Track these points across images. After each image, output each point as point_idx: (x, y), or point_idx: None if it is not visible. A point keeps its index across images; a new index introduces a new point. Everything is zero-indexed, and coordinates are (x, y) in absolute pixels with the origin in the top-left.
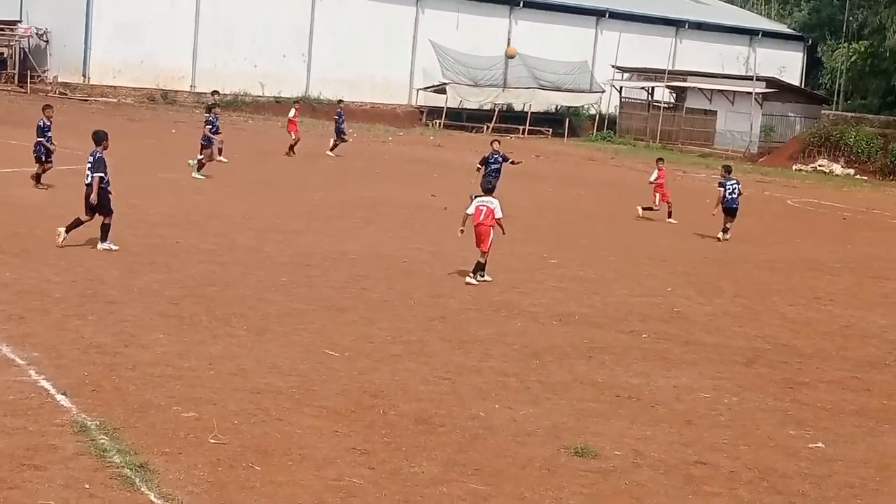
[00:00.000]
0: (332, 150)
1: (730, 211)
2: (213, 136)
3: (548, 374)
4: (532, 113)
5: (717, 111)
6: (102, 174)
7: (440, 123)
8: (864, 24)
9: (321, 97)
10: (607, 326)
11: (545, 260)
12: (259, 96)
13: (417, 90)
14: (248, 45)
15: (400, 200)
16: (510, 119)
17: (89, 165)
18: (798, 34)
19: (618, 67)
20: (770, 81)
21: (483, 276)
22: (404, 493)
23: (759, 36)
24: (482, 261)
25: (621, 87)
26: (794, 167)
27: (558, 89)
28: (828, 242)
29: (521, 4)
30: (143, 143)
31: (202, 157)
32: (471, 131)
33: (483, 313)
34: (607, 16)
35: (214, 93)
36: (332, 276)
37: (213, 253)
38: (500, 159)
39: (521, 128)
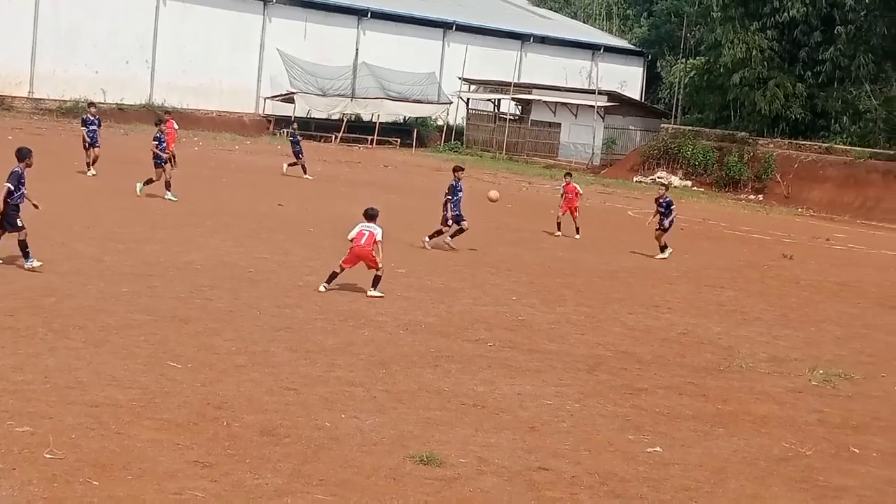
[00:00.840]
0: (290, 166)
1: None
2: (162, 154)
3: (394, 383)
4: (380, 123)
5: (561, 123)
6: (11, 185)
7: (288, 133)
8: (701, 40)
9: (165, 104)
10: (453, 335)
11: (393, 269)
12: (101, 103)
13: (265, 99)
14: (90, 49)
15: (246, 209)
16: (359, 129)
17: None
18: (638, 49)
19: (465, 79)
20: (612, 95)
21: (375, 292)
22: None
23: (602, 51)
24: (379, 274)
25: (468, 99)
26: (634, 179)
27: (406, 100)
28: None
29: (369, 15)
30: None
31: (154, 176)
32: (319, 140)
33: (330, 323)
34: (454, 28)
35: (91, 105)
36: (175, 286)
37: (52, 263)
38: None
39: (369, 138)
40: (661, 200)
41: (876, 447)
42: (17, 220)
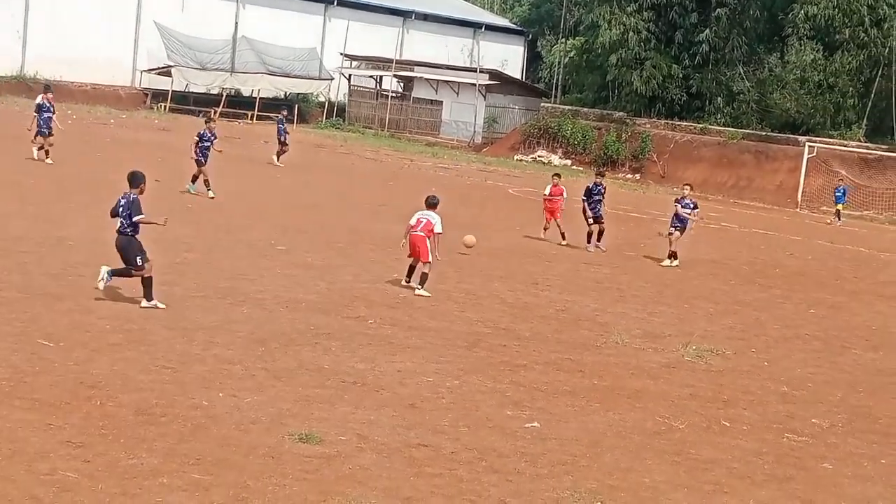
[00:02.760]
0: (277, 157)
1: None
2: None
3: (273, 360)
4: (261, 98)
5: (443, 101)
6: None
7: (166, 107)
8: (580, 21)
9: (38, 76)
10: (333, 312)
11: (273, 246)
12: None
13: (141, 72)
14: None
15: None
16: (239, 104)
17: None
18: (519, 29)
19: (346, 55)
20: (493, 74)
21: (422, 290)
22: (122, 486)
23: (483, 29)
24: (426, 271)
25: (350, 76)
26: (515, 157)
27: (287, 75)
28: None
29: None
30: None
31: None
32: (198, 115)
33: (208, 300)
34: (336, 3)
35: (47, 88)
36: (47, 262)
37: None
38: (601, 189)
39: (249, 113)
40: (683, 201)
41: (745, 421)
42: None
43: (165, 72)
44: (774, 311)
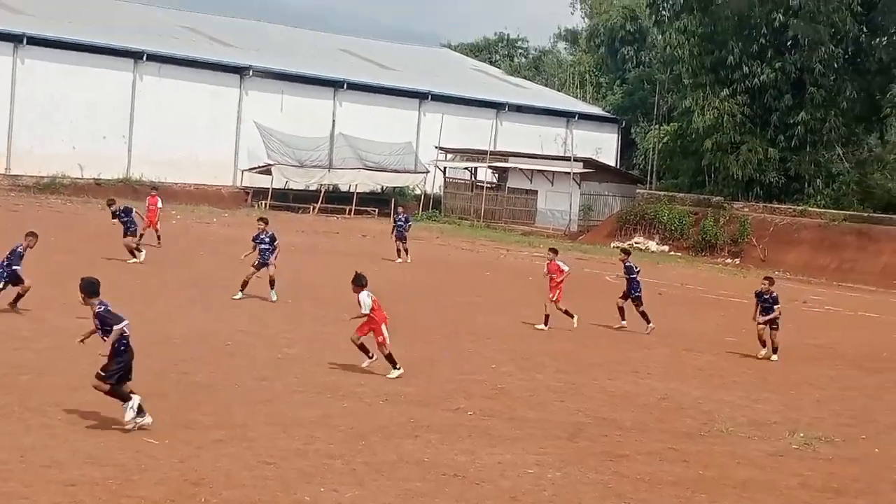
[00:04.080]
0: (399, 256)
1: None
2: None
3: (374, 454)
4: (358, 193)
5: (537, 190)
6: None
7: (266, 204)
8: (674, 106)
9: (143, 178)
10: (433, 405)
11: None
12: (78, 178)
13: (242, 171)
14: (67, 125)
15: (225, 280)
16: (337, 199)
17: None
18: (612, 116)
19: (441, 148)
20: (587, 162)
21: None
22: None
23: (576, 118)
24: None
25: (445, 168)
26: (612, 244)
27: (384, 170)
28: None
29: (345, 86)
30: None
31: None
32: (297, 212)
33: (308, 395)
34: (430, 98)
35: (111, 202)
36: (152, 360)
37: (29, 339)
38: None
39: (347, 208)
40: (763, 295)
41: None
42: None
43: (265, 170)
44: (884, 397)
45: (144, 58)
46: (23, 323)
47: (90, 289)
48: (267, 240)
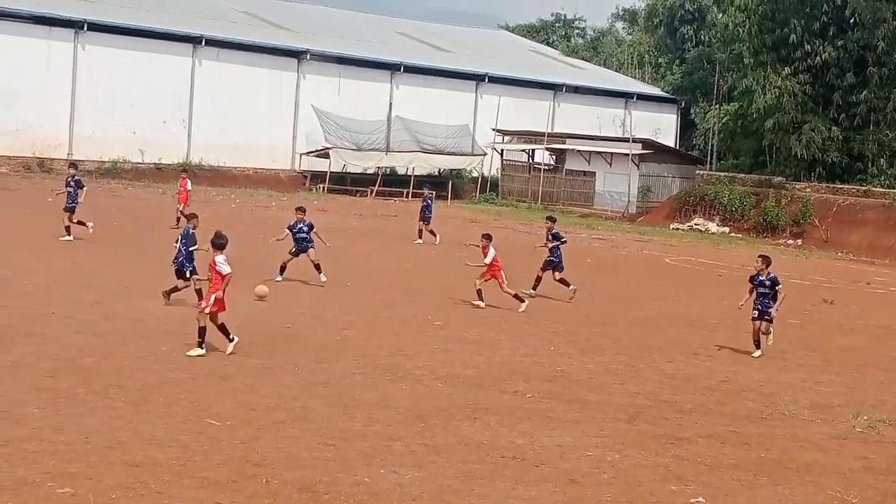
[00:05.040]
0: (420, 237)
1: None
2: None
3: (433, 436)
4: (415, 176)
5: (595, 172)
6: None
7: (324, 188)
8: (734, 86)
9: (202, 163)
10: (491, 387)
11: (430, 322)
12: (139, 163)
13: (300, 155)
14: (128, 110)
15: (278, 263)
16: (394, 182)
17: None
18: (671, 97)
19: (498, 130)
20: (646, 143)
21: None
22: None
23: (634, 99)
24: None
25: (502, 150)
26: (671, 226)
27: (441, 152)
28: (704, 299)
29: (402, 69)
30: (18, 212)
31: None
32: (355, 195)
33: (368, 377)
34: (487, 80)
35: (73, 164)
36: (213, 343)
37: (91, 323)
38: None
39: (405, 191)
40: (758, 277)
41: None
42: None
43: (323, 154)
44: None
45: (203, 43)
46: (85, 307)
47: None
48: (305, 229)
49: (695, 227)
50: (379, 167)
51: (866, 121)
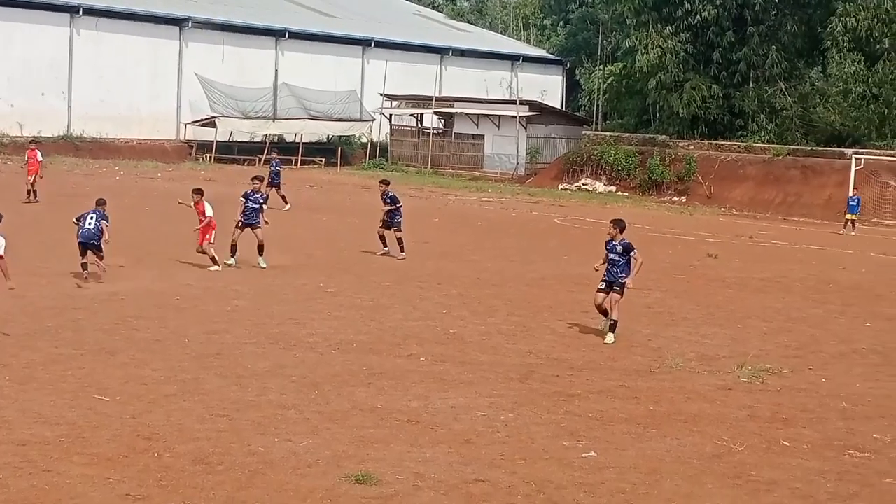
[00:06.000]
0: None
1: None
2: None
3: (327, 403)
4: (304, 143)
5: (484, 135)
6: None
7: (211, 157)
8: (617, 46)
9: (84, 135)
10: (385, 352)
11: (322, 289)
12: (18, 137)
13: (185, 124)
14: (4, 83)
15: (170, 237)
16: (282, 150)
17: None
18: (557, 58)
19: (386, 95)
20: (533, 105)
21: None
22: None
23: (520, 61)
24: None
25: (391, 115)
26: (559, 187)
27: (329, 119)
28: (593, 258)
29: (287, 35)
30: None
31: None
32: (243, 164)
33: (260, 347)
34: (373, 45)
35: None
36: (100, 318)
37: None
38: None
39: (293, 158)
40: (611, 244)
41: (806, 439)
42: None
43: (209, 123)
44: (830, 327)
45: (80, 12)
46: None
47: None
48: (262, 199)
49: (582, 187)
50: (266, 135)
51: (746, 78)
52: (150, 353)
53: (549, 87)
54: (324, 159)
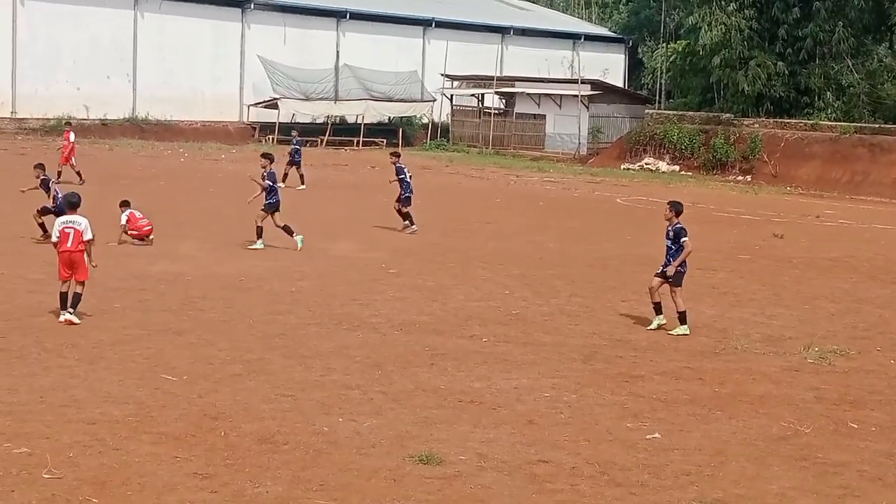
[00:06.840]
0: (284, 179)
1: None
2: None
3: (390, 383)
4: (365, 124)
5: (545, 115)
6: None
7: (273, 139)
8: (680, 24)
9: (149, 117)
10: (447, 332)
11: (384, 270)
12: (84, 119)
13: (248, 106)
14: (71, 66)
15: (235, 218)
16: (344, 132)
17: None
18: (619, 36)
19: (447, 76)
20: (595, 84)
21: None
22: None
23: (582, 39)
24: (80, 291)
25: (452, 96)
26: (622, 166)
27: (390, 100)
28: (657, 238)
29: (348, 16)
30: None
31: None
32: (305, 145)
33: (324, 327)
34: (434, 25)
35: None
36: (167, 298)
37: (41, 283)
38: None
39: (355, 139)
40: (668, 228)
41: (874, 421)
42: None
43: (271, 104)
44: None
45: None
46: (34, 266)
47: None
48: (272, 180)
49: (645, 166)
50: (328, 116)
51: (812, 55)
52: (215, 334)
53: (610, 66)
54: (385, 140)
